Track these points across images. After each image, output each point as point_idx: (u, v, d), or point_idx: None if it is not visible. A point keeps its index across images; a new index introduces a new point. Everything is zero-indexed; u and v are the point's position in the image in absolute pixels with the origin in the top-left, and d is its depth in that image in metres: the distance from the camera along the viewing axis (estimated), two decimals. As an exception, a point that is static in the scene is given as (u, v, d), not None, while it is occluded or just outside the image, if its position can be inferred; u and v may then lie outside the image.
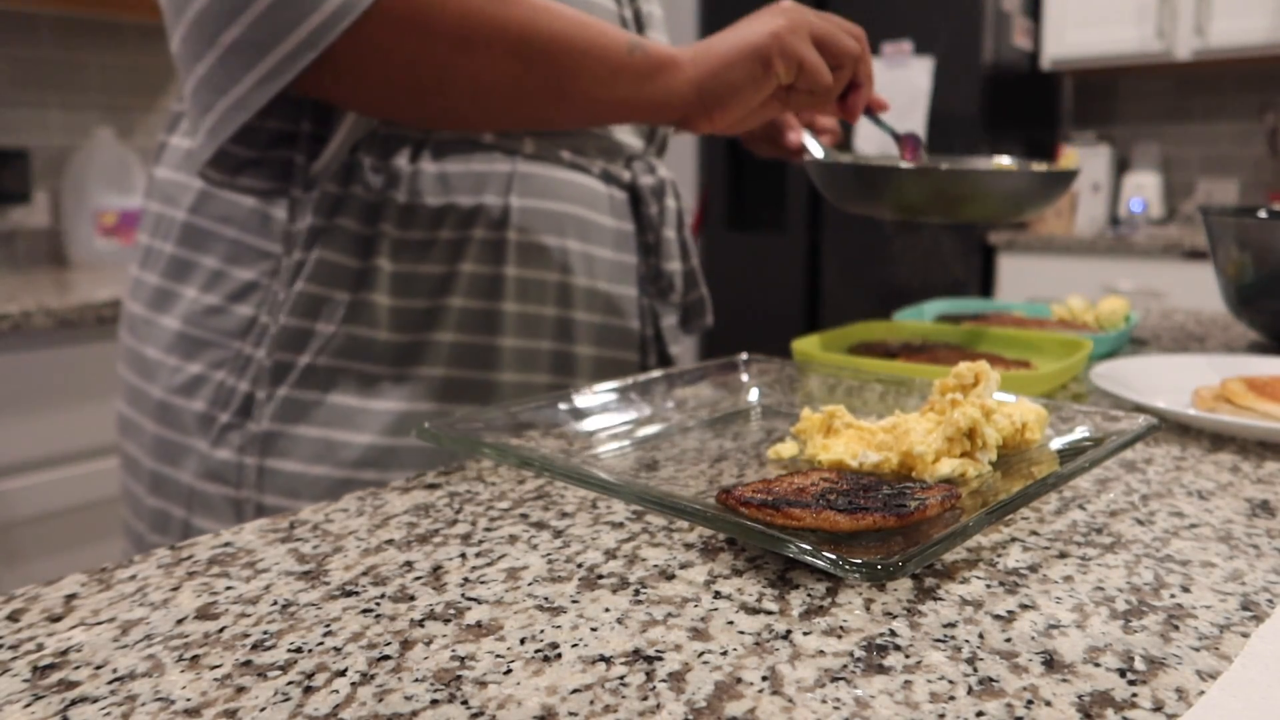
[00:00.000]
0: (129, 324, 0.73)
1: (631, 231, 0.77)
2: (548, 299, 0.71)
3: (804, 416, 0.50)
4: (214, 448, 0.67)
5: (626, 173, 0.77)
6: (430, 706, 0.28)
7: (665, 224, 0.78)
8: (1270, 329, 0.83)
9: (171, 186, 0.71)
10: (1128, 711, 0.27)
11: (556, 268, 0.72)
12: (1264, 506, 0.44)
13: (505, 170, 0.69)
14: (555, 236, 0.71)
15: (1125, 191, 2.95)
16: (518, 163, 0.70)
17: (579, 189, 0.73)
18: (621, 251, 0.76)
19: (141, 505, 0.71)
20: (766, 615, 0.33)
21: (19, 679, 0.30)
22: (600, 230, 0.74)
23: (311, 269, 0.65)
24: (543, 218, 0.71)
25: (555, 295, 0.72)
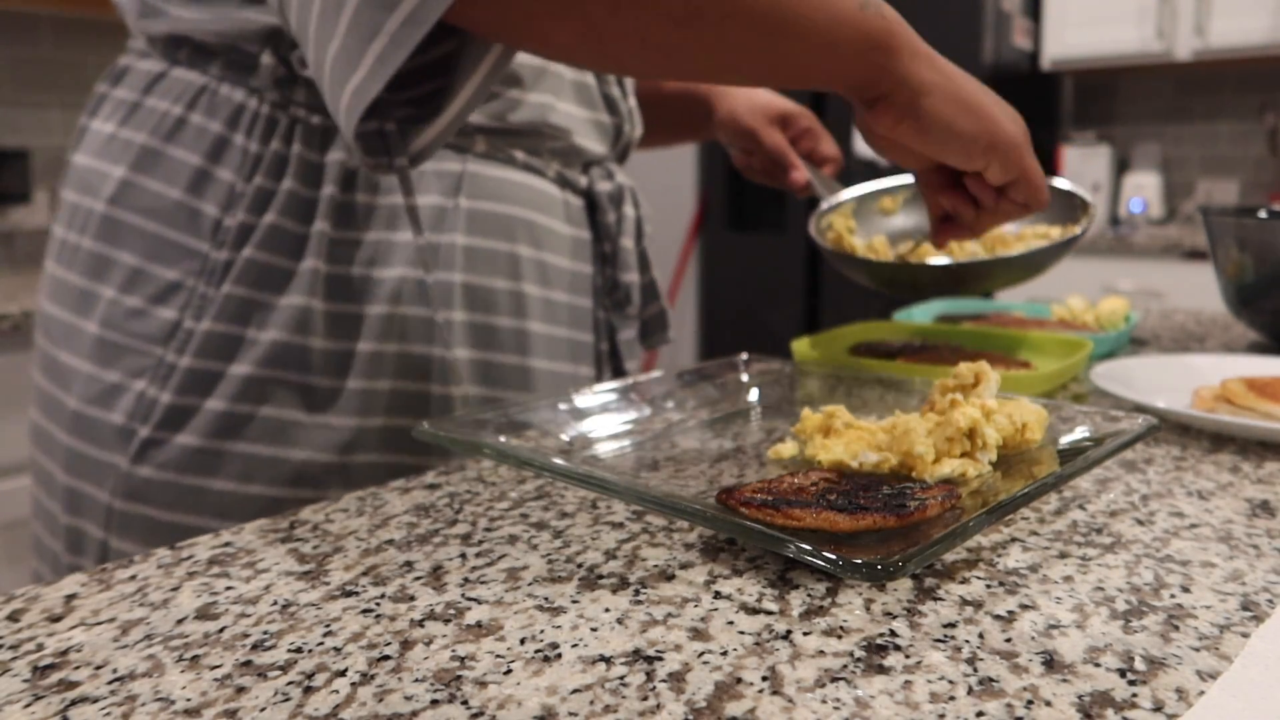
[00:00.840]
0: (44, 326, 0.67)
1: (588, 239, 0.74)
2: (500, 309, 0.68)
3: (804, 416, 0.50)
4: (134, 464, 0.61)
5: (583, 178, 0.74)
6: (430, 707, 0.28)
7: (623, 233, 0.75)
8: (1270, 329, 0.83)
9: (90, 174, 0.64)
10: (1128, 712, 0.27)
11: (507, 275, 0.68)
12: (1264, 506, 0.44)
13: (454, 169, 0.65)
14: (505, 242, 0.67)
15: (1125, 191, 2.95)
16: (468, 162, 0.66)
17: (532, 192, 0.69)
18: (577, 260, 0.73)
19: (56, 523, 0.66)
20: (766, 615, 0.33)
21: (19, 679, 0.30)
22: (555, 237, 0.71)
23: (240, 269, 0.60)
24: (493, 221, 0.67)
25: (508, 305, 0.68)
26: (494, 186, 0.67)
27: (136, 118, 0.63)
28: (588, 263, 0.74)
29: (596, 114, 0.73)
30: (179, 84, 0.63)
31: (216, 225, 0.61)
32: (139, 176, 0.62)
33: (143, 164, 0.62)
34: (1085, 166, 2.96)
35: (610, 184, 0.75)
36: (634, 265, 0.76)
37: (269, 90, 0.61)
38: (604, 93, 0.73)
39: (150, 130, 0.62)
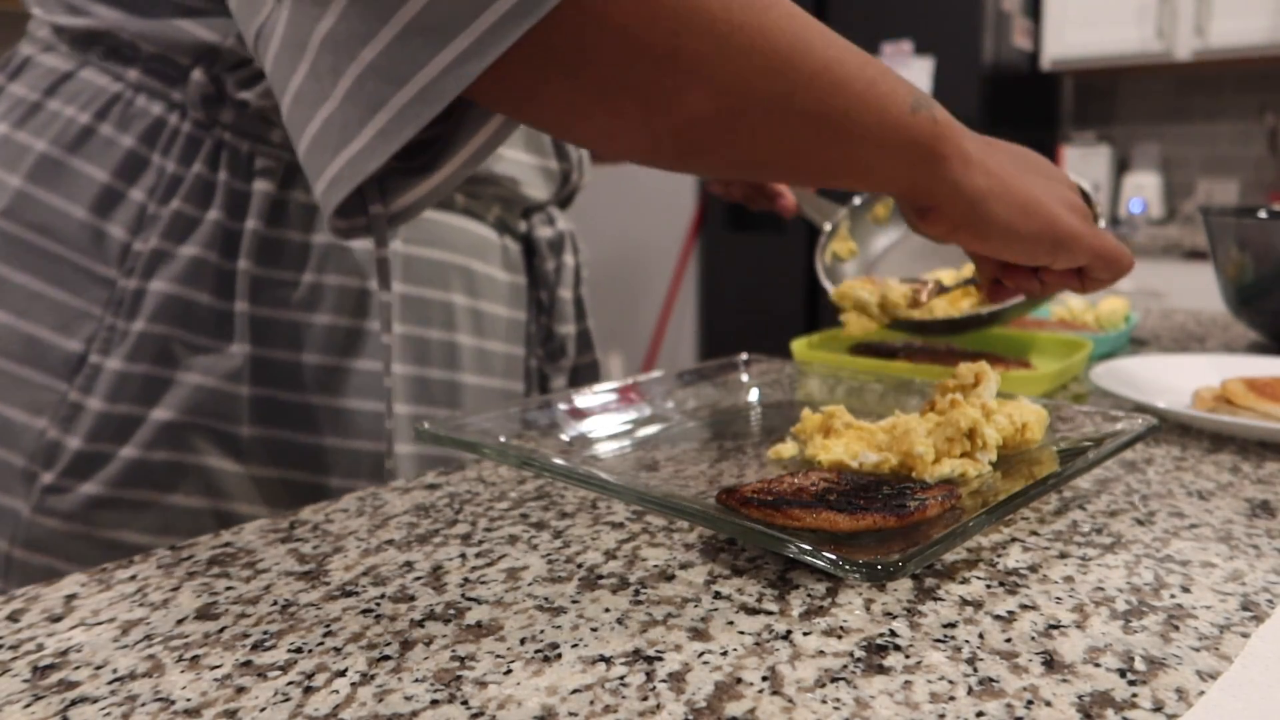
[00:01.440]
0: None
1: (524, 285, 0.71)
2: (432, 359, 0.64)
3: (804, 417, 0.50)
4: (36, 513, 0.55)
5: (523, 223, 0.71)
6: (430, 707, 0.28)
7: (561, 282, 0.72)
8: (1270, 329, 0.83)
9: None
10: (1128, 712, 0.27)
11: (441, 325, 0.65)
12: (1264, 507, 0.44)
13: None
14: (440, 290, 0.64)
15: (1125, 192, 2.95)
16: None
17: (470, 237, 0.66)
18: (514, 308, 0.70)
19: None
20: (766, 615, 0.33)
21: (19, 679, 0.30)
22: (491, 284, 0.68)
23: (157, 304, 0.55)
24: (426, 268, 0.63)
25: (441, 356, 0.65)
26: (428, 230, 0.64)
27: (36, 121, 0.57)
28: (523, 309, 0.71)
29: (545, 160, 0.69)
30: (89, 88, 0.57)
31: (125, 250, 0.56)
32: (37, 189, 0.56)
33: (41, 175, 0.56)
34: (1085, 166, 2.96)
35: (551, 230, 0.72)
36: (570, 316, 0.74)
37: (194, 108, 0.56)
38: (556, 140, 0.69)
39: (52, 138, 0.56)
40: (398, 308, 0.62)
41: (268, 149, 0.58)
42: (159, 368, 0.56)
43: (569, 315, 0.73)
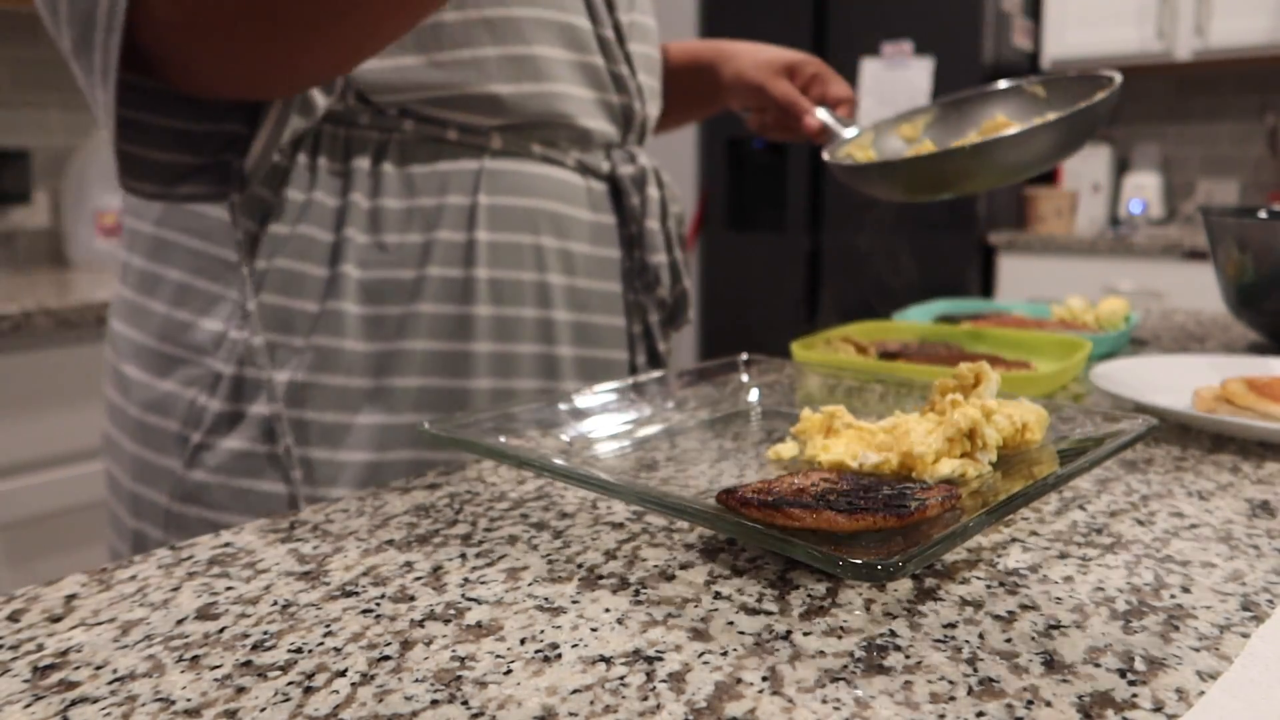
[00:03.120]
0: (110, 340, 0.72)
1: (613, 224, 0.75)
2: (525, 300, 0.69)
3: (804, 417, 0.50)
4: (188, 469, 0.65)
5: (606, 163, 0.74)
6: (430, 707, 0.28)
7: (648, 215, 0.76)
8: (1270, 329, 0.83)
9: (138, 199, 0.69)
10: (1128, 712, 0.27)
11: (532, 267, 0.69)
12: (1264, 507, 0.44)
13: (473, 168, 0.67)
14: (529, 234, 0.69)
15: (1125, 192, 2.95)
16: (485, 160, 0.68)
17: (552, 183, 0.71)
18: (601, 246, 0.74)
19: (123, 526, 0.70)
20: (766, 615, 0.33)
21: (19, 679, 0.30)
22: (578, 225, 0.72)
23: (273, 279, 0.64)
24: (514, 215, 0.69)
25: (533, 296, 0.70)
26: (512, 181, 0.68)
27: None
28: (614, 247, 0.75)
29: (605, 94, 0.73)
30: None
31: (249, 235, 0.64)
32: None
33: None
34: (1085, 166, 2.96)
35: (633, 167, 0.75)
36: (661, 246, 0.76)
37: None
38: (611, 71, 0.73)
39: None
40: (486, 254, 0.67)
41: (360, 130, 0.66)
42: (276, 334, 0.64)
43: (659, 245, 0.76)
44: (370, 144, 0.66)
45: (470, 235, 0.67)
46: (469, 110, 0.66)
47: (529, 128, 0.69)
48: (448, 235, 0.66)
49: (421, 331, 0.66)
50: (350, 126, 0.65)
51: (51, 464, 1.63)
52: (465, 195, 0.67)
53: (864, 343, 0.75)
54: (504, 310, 0.68)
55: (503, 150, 0.68)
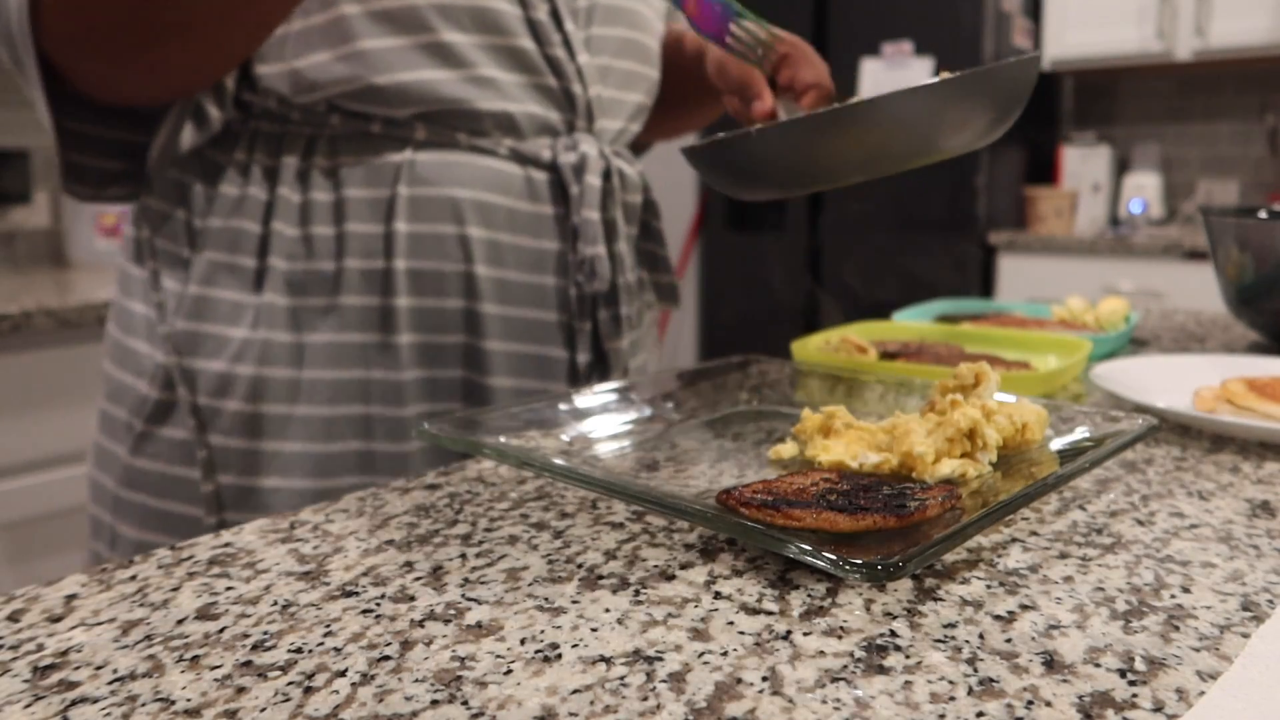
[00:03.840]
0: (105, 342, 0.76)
1: (554, 215, 0.73)
2: (448, 291, 0.69)
3: (804, 417, 0.50)
4: (132, 456, 0.68)
5: (548, 151, 0.72)
6: (430, 707, 0.28)
7: (585, 204, 0.72)
8: (1270, 329, 0.83)
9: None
10: (1128, 712, 0.27)
11: (456, 258, 0.69)
12: (1264, 507, 0.44)
13: (397, 160, 0.68)
14: (452, 225, 0.68)
15: (1125, 192, 2.95)
16: (409, 151, 0.68)
17: (480, 172, 0.69)
18: (540, 238, 0.72)
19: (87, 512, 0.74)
20: (767, 615, 0.33)
21: (19, 679, 0.30)
22: (510, 215, 0.71)
23: (206, 270, 0.67)
24: (435, 206, 0.68)
25: (457, 287, 0.69)
26: (436, 171, 0.68)
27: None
28: (555, 239, 0.73)
29: (537, 78, 0.71)
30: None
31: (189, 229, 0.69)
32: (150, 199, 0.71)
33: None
34: (1085, 167, 2.96)
35: (574, 155, 0.72)
36: (598, 237, 0.72)
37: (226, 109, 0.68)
38: (545, 54, 0.70)
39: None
40: (405, 245, 0.67)
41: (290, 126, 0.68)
42: (203, 323, 0.67)
43: (595, 236, 0.72)
44: (301, 140, 0.68)
45: (388, 227, 0.67)
46: (382, 102, 0.67)
47: (451, 116, 0.68)
48: (364, 227, 0.67)
49: (345, 323, 0.67)
50: (283, 123, 0.68)
51: (52, 464, 1.63)
52: (386, 187, 0.68)
53: (864, 343, 0.75)
54: (425, 301, 0.68)
55: (427, 141, 0.68)
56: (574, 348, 0.74)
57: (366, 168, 0.68)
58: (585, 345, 0.74)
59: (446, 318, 0.69)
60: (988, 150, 2.69)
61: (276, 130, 0.68)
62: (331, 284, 0.67)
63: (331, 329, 0.67)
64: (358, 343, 0.67)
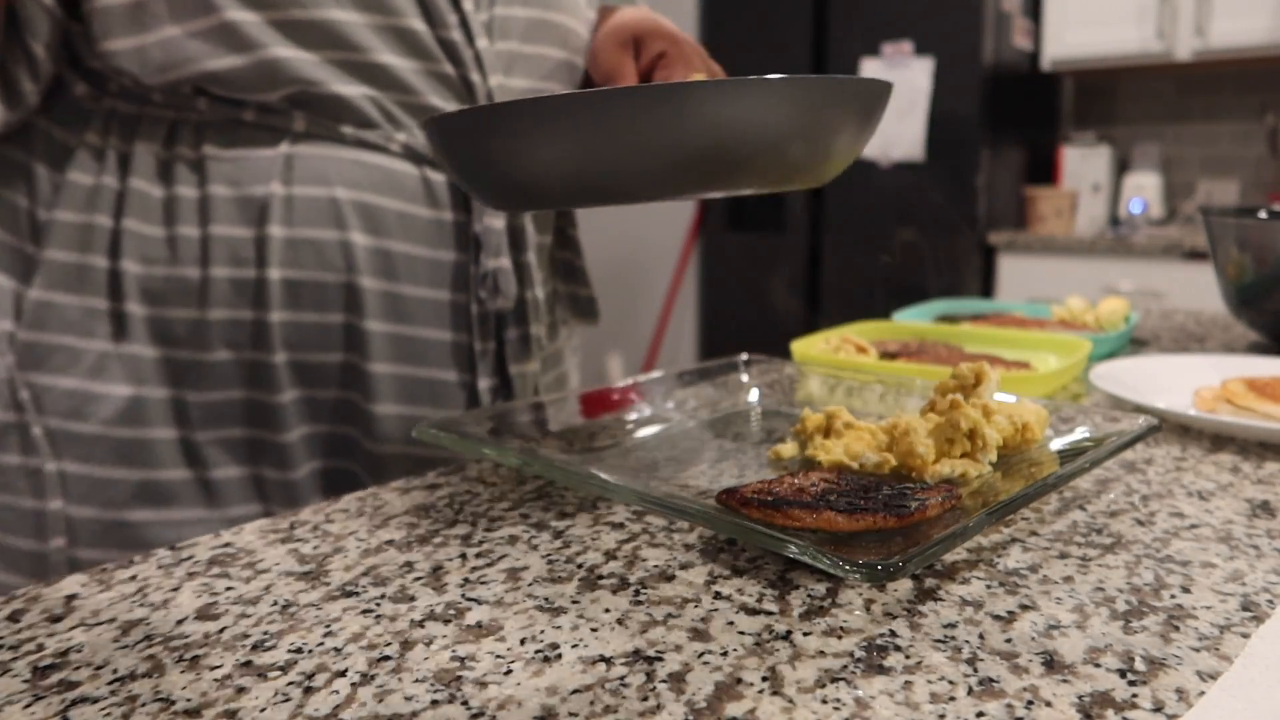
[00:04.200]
0: None
1: (451, 222, 0.64)
2: (328, 305, 0.61)
3: (804, 417, 0.50)
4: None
5: None
6: (430, 707, 0.28)
7: (488, 210, 0.65)
8: (1270, 329, 0.83)
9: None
10: (1128, 712, 0.27)
11: (338, 268, 0.61)
12: (1264, 507, 0.44)
13: (272, 154, 0.60)
14: (333, 230, 0.60)
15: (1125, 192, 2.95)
16: (286, 145, 0.60)
17: (368, 171, 0.61)
18: (438, 248, 0.64)
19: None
20: (766, 616, 0.33)
21: (19, 679, 0.30)
22: (403, 221, 0.62)
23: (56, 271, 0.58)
24: (315, 208, 0.60)
25: (338, 300, 0.61)
26: (317, 169, 0.60)
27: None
28: (453, 249, 0.64)
29: (432, 64, 0.62)
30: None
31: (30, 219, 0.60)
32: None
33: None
34: (1085, 167, 2.96)
35: None
36: (502, 248, 0.65)
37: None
38: (439, 37, 0.62)
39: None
40: (280, 251, 0.59)
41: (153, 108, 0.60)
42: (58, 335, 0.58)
43: (500, 247, 0.65)
44: (163, 125, 0.60)
45: (261, 231, 0.59)
46: (252, 87, 0.59)
47: (333, 105, 0.60)
48: (234, 230, 0.59)
49: (213, 339, 0.60)
50: (142, 104, 0.59)
51: None
52: (260, 185, 0.59)
53: (864, 343, 0.75)
54: (302, 316, 0.61)
55: (307, 133, 0.60)
56: (474, 372, 0.66)
57: (237, 162, 0.59)
58: (488, 369, 0.66)
59: (326, 334, 0.61)
60: (988, 150, 2.70)
61: (135, 112, 0.60)
62: (197, 294, 0.59)
63: (198, 345, 0.60)
64: (228, 360, 0.60)
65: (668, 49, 0.68)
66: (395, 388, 0.63)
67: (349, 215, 0.61)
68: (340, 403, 0.63)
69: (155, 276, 0.59)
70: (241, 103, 0.59)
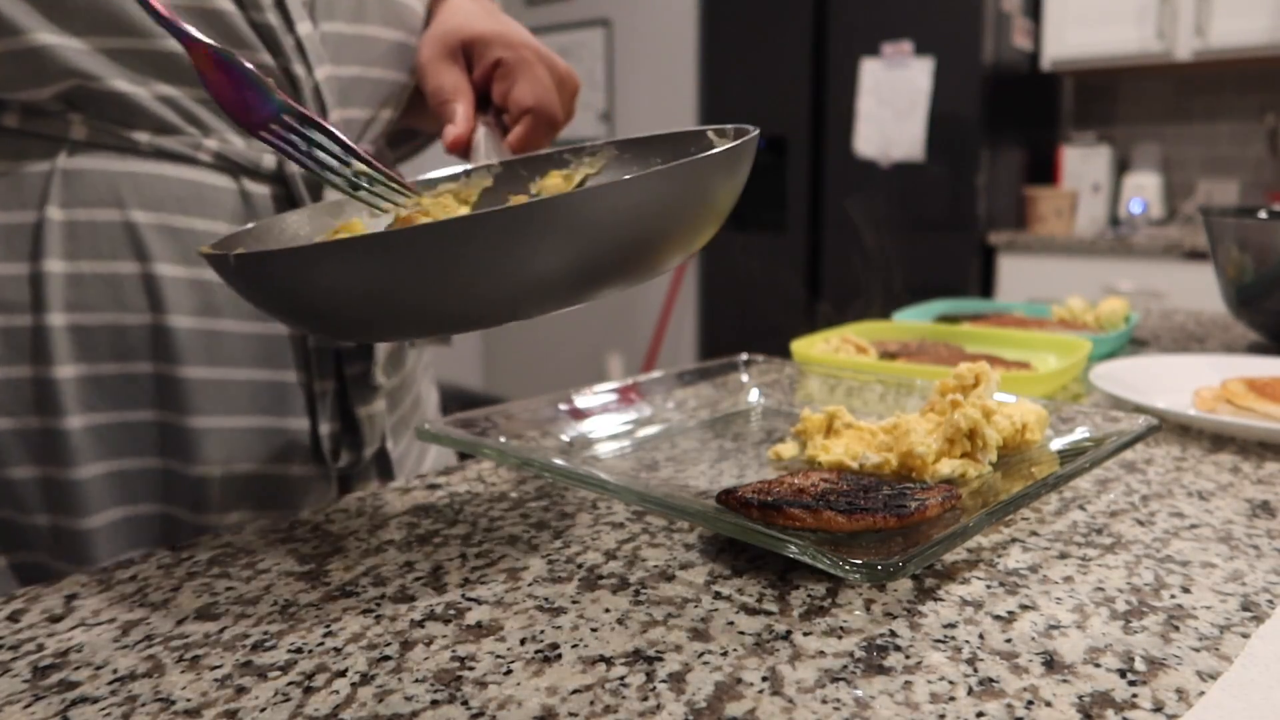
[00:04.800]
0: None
1: None
2: (130, 353, 0.51)
3: (804, 417, 0.50)
4: None
5: (270, 155, 0.53)
6: (430, 707, 0.28)
7: None
8: (1270, 329, 0.83)
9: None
10: (1128, 712, 0.27)
11: (138, 306, 0.51)
12: (1264, 507, 0.44)
13: (43, 169, 0.49)
14: (131, 261, 0.50)
15: (1125, 192, 2.95)
16: (62, 155, 0.50)
17: (171, 187, 0.51)
18: None
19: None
20: (767, 616, 0.33)
21: (19, 679, 0.30)
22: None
23: None
24: (104, 234, 0.50)
25: (145, 346, 0.51)
26: (103, 186, 0.50)
27: None
28: None
29: (247, 55, 0.51)
30: None
31: None
32: None
33: None
34: (1085, 167, 2.96)
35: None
36: None
37: None
38: (253, 21, 0.51)
39: None
40: (61, 291, 0.49)
41: None
42: None
43: None
44: None
45: (35, 266, 0.49)
46: (13, 83, 0.48)
47: (118, 105, 0.50)
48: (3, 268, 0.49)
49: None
50: None
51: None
52: (30, 209, 0.49)
53: (864, 343, 0.75)
54: (98, 369, 0.51)
55: (89, 141, 0.50)
56: (315, 415, 0.56)
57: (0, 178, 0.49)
58: (331, 412, 0.57)
59: (134, 388, 0.51)
60: (988, 150, 2.70)
61: None
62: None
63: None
64: (6, 432, 0.50)
65: (504, 55, 0.56)
66: (221, 443, 0.53)
67: (151, 242, 0.51)
68: (153, 471, 0.53)
69: None
70: (1, 103, 0.50)
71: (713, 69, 3.11)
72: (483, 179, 0.50)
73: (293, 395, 0.55)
